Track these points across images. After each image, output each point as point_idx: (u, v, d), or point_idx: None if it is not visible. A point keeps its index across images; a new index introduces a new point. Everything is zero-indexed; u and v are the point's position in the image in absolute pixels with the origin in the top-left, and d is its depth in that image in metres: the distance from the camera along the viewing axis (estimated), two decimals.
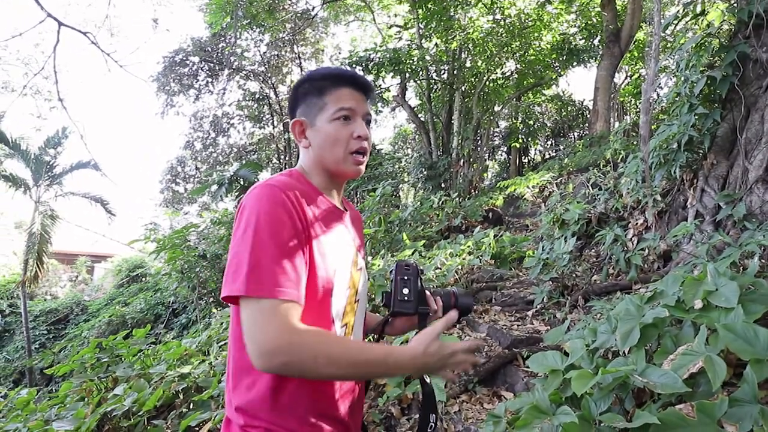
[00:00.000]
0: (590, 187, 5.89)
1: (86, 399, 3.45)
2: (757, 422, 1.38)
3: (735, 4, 3.34)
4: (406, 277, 1.12)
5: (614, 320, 2.19)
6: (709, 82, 3.46)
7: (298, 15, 15.67)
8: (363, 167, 1.14)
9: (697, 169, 3.79)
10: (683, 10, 3.52)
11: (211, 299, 8.19)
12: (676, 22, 3.69)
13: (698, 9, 3.45)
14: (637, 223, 4.25)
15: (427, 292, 1.21)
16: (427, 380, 1.15)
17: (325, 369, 0.87)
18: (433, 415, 1.12)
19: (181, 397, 3.21)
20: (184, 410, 3.05)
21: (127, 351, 3.94)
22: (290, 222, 0.94)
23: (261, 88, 18.00)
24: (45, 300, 17.13)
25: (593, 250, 4.68)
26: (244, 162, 13.46)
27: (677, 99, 3.82)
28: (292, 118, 1.16)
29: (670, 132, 3.72)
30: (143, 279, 14.64)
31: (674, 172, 3.81)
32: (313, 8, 15.42)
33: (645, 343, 1.97)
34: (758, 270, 2.34)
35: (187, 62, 16.83)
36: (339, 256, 1.07)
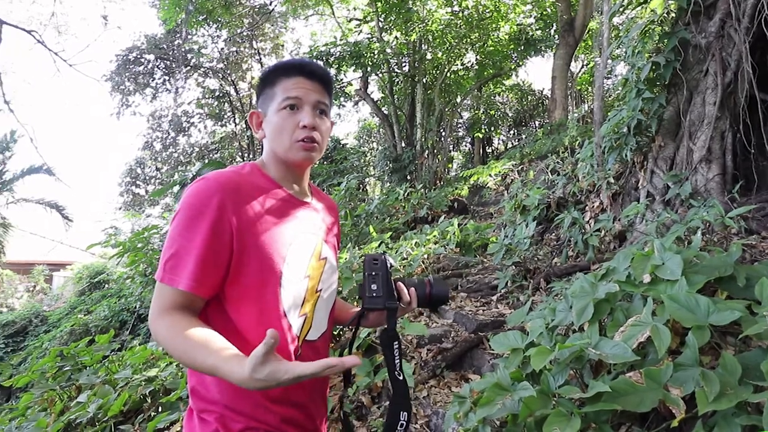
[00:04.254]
0: (549, 173, 6.07)
1: (48, 409, 3.34)
2: (698, 384, 1.48)
3: None
4: (374, 273, 1.11)
5: (571, 298, 2.28)
6: (653, 67, 3.62)
7: (256, 10, 15.38)
8: (315, 154, 1.11)
9: (646, 151, 3.96)
10: None
11: None
12: (621, 10, 3.85)
13: None
14: (593, 206, 4.42)
15: (401, 284, 1.18)
16: (400, 377, 1.10)
17: (176, 359, 0.94)
18: (405, 413, 1.05)
19: (149, 400, 3.16)
20: (152, 413, 3.00)
21: (91, 358, 3.83)
22: (211, 215, 0.95)
23: (221, 85, 17.59)
24: (1, 312, 16.30)
25: (553, 234, 4.83)
26: (206, 161, 13.18)
27: (626, 85, 3.98)
28: None
29: (620, 117, 3.88)
30: (106, 285, 14.11)
31: (626, 155, 3.97)
32: (271, 2, 15.17)
33: (598, 318, 2.06)
34: (702, 244, 2.49)
35: (142, 60, 16.26)
36: (292, 246, 1.06)
